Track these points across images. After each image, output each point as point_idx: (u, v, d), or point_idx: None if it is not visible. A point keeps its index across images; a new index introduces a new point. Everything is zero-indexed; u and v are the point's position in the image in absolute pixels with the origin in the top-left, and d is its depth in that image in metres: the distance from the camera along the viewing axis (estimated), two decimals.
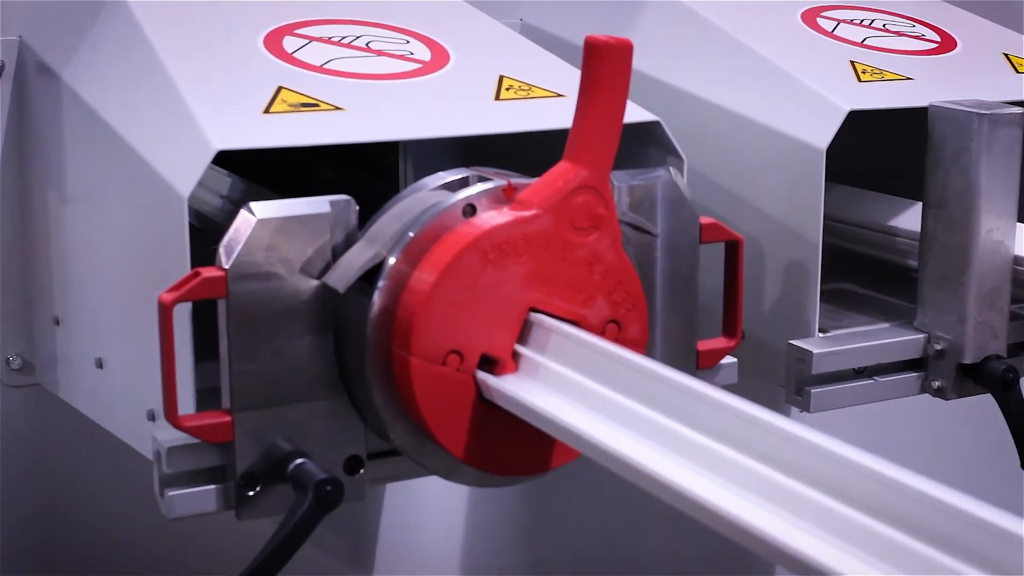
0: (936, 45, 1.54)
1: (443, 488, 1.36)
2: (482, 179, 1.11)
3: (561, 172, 1.07)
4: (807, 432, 0.83)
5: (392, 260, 1.05)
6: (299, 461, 1.07)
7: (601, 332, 1.10)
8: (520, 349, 1.07)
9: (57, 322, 1.39)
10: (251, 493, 1.07)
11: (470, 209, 1.07)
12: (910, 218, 1.48)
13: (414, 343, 1.04)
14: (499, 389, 1.05)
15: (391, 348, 1.06)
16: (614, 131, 1.07)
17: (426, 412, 1.06)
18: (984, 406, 1.39)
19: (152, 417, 1.15)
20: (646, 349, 1.13)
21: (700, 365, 1.24)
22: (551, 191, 1.07)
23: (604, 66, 1.05)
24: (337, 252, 1.08)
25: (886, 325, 1.42)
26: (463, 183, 1.12)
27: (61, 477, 1.53)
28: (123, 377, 1.25)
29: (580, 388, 1.01)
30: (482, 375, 1.06)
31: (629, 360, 1.00)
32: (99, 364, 1.29)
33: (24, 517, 1.53)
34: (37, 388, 1.47)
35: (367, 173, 1.66)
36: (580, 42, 1.61)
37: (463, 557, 1.72)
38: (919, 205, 1.40)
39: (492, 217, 1.06)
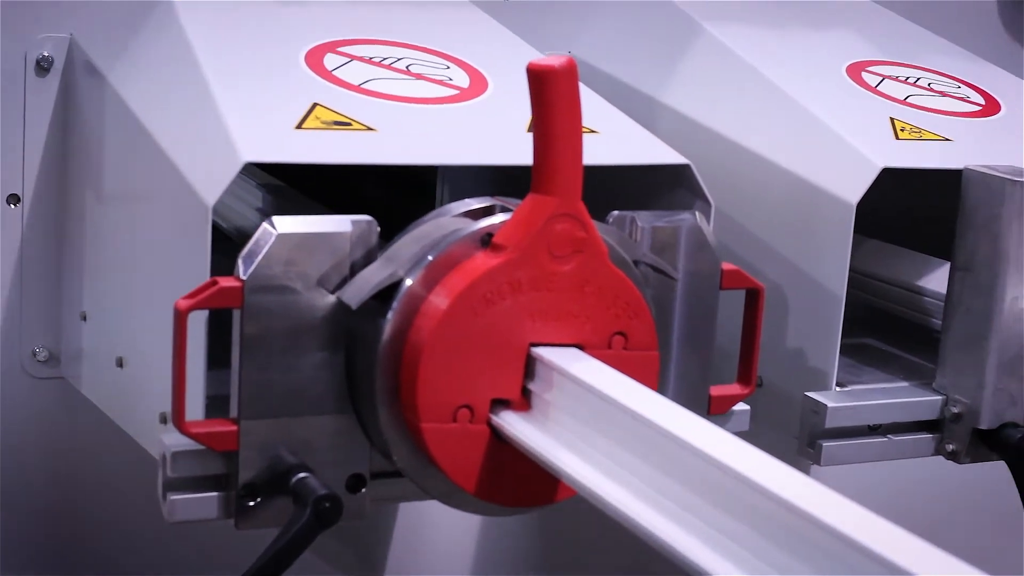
0: (980, 108, 1.54)
1: None
2: (504, 209, 1.12)
3: (531, 207, 1.06)
4: (810, 504, 0.81)
5: (408, 282, 1.06)
6: (301, 475, 1.08)
7: (608, 346, 1.10)
8: (530, 386, 1.07)
9: (84, 318, 1.41)
10: (251, 503, 1.08)
11: (488, 238, 1.08)
12: (937, 278, 1.48)
13: (421, 408, 1.05)
14: (511, 434, 1.05)
15: (402, 413, 1.06)
16: (575, 153, 1.05)
17: (445, 466, 1.07)
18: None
19: (164, 420, 1.16)
20: (658, 376, 1.13)
21: (711, 411, 1.24)
22: (524, 230, 1.06)
23: (552, 91, 1.03)
24: (356, 271, 1.09)
25: (904, 384, 1.41)
26: (487, 211, 1.13)
27: (75, 470, 1.54)
28: (140, 378, 1.26)
29: (581, 432, 1.01)
30: (496, 420, 1.07)
31: (625, 406, 0.99)
32: (119, 363, 1.31)
33: (35, 505, 1.54)
34: (61, 381, 1.49)
35: (408, 192, 1.67)
36: (628, 79, 1.64)
37: (474, 560, 1.72)
38: (947, 265, 1.39)
39: (473, 269, 1.06)
